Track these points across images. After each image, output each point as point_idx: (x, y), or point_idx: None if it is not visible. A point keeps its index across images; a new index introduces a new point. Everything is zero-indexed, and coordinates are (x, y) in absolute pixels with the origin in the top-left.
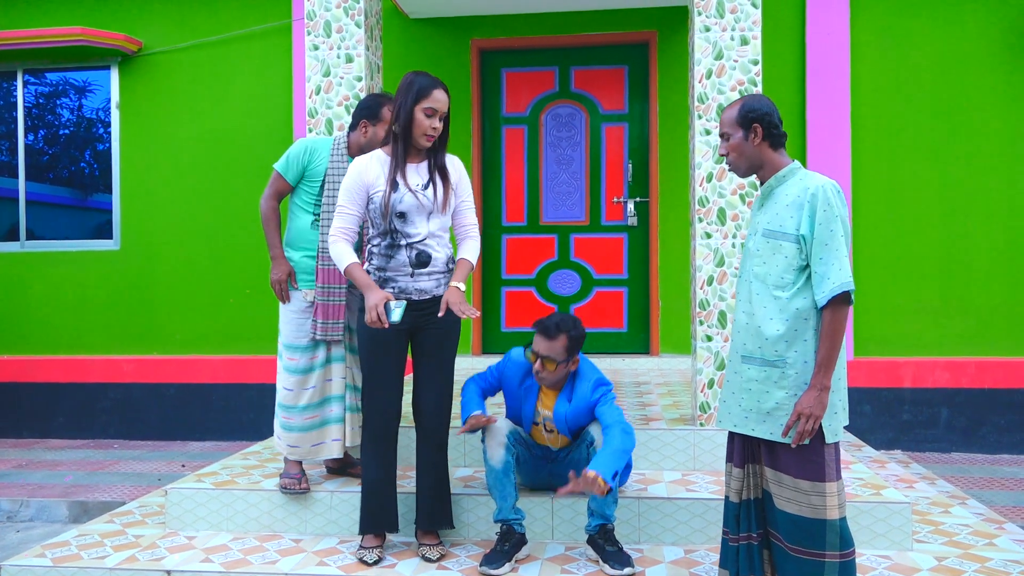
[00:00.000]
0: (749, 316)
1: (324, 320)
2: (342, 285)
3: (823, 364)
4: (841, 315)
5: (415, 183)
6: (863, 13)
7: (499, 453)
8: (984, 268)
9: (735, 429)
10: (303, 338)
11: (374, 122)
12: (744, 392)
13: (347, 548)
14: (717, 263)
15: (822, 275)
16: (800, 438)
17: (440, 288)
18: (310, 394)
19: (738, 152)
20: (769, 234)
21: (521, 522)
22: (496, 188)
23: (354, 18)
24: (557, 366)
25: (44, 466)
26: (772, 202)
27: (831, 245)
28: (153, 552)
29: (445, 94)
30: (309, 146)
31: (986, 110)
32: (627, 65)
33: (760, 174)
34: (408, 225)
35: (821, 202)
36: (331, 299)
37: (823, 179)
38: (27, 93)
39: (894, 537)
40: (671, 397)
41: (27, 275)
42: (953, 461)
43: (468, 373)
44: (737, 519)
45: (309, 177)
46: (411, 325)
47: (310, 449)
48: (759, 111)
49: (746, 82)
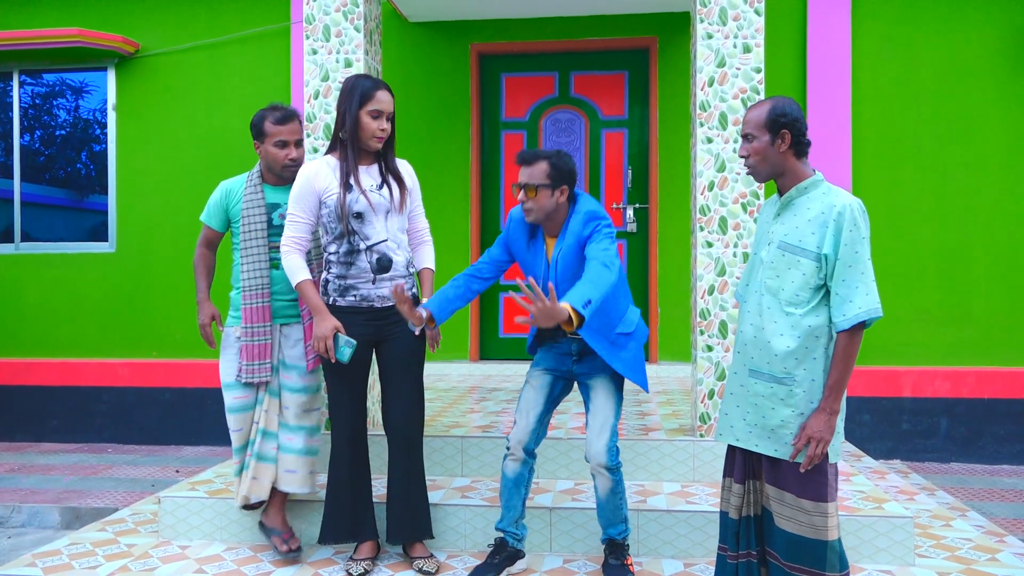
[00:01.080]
0: (758, 330)
1: (249, 361)
2: (266, 323)
3: (834, 388)
4: (857, 339)
5: (368, 184)
6: (865, 21)
7: (512, 466)
8: (985, 277)
9: (737, 443)
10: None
11: (261, 140)
12: (749, 407)
13: (342, 559)
14: (718, 272)
15: (844, 297)
16: (810, 462)
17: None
18: (252, 431)
19: (761, 157)
20: (786, 247)
21: (520, 538)
22: (495, 193)
23: (353, 22)
24: (539, 192)
25: (37, 470)
26: (791, 213)
27: (856, 267)
28: (145, 562)
29: (389, 95)
30: (226, 188)
31: (987, 119)
32: (627, 71)
33: (780, 182)
34: (366, 226)
35: (848, 222)
36: (256, 339)
37: (849, 197)
38: (23, 93)
39: (896, 552)
40: (670, 406)
41: (22, 277)
42: (952, 471)
43: (465, 379)
44: (737, 536)
45: (234, 218)
46: (375, 336)
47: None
48: (790, 116)
49: (748, 90)
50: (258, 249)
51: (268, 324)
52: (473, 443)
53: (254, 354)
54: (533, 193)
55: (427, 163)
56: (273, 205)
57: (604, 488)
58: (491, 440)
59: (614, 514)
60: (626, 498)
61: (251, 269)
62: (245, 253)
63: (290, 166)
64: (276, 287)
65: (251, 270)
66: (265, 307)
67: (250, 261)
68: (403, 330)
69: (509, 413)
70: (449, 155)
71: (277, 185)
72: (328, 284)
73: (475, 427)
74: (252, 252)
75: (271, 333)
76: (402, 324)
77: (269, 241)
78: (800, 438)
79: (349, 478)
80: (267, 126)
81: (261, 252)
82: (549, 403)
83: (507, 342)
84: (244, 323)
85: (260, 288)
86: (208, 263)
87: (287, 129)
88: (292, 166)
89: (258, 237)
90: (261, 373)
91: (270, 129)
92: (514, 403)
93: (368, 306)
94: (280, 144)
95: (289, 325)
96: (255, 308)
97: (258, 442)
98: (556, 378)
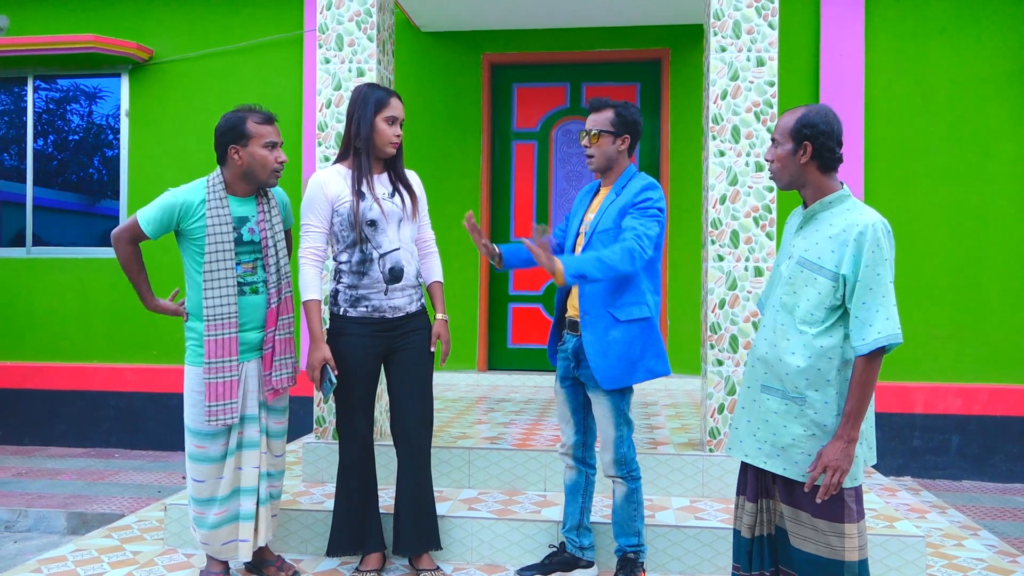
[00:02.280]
0: (771, 345)
1: (213, 402)
2: (232, 358)
3: (851, 415)
4: (876, 365)
5: (381, 192)
6: (878, 35)
7: (568, 473)
8: (998, 293)
9: (746, 459)
10: (208, 424)
11: (244, 143)
12: (761, 423)
13: (347, 570)
14: (729, 286)
15: (864, 321)
16: (826, 491)
17: (412, 305)
18: (223, 485)
19: (782, 164)
20: (805, 263)
21: (581, 546)
22: (505, 203)
23: (366, 32)
24: (601, 138)
25: (44, 475)
26: (813, 228)
27: (876, 290)
28: (150, 570)
29: (400, 101)
30: (181, 200)
31: (1000, 133)
32: (639, 82)
33: (803, 193)
34: (380, 234)
35: (870, 242)
36: (220, 375)
37: (874, 215)
38: (37, 98)
39: (907, 572)
40: (679, 420)
41: (32, 281)
42: (964, 489)
43: (473, 390)
44: (750, 556)
45: (191, 236)
46: (385, 347)
47: (221, 548)
48: (815, 128)
49: (761, 103)
50: (225, 272)
51: (234, 359)
52: (480, 454)
53: (220, 393)
54: (596, 139)
55: (437, 173)
56: (241, 219)
57: (620, 493)
58: (498, 452)
59: (627, 523)
60: (643, 513)
61: (216, 296)
62: (209, 277)
63: (278, 170)
64: (245, 317)
65: (216, 296)
66: (232, 339)
67: (215, 287)
68: (413, 340)
69: (517, 424)
70: (460, 165)
71: (245, 196)
72: (338, 295)
73: (483, 438)
74: (218, 276)
75: (238, 368)
76: (412, 335)
77: (240, 261)
78: (816, 466)
79: (357, 489)
80: (251, 127)
81: (227, 275)
82: (579, 410)
83: (515, 353)
84: (207, 358)
85: (226, 317)
86: (140, 259)
87: (273, 130)
88: (280, 170)
89: (225, 259)
90: (227, 414)
91: (256, 130)
92: (522, 414)
93: (380, 317)
94: (269, 146)
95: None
96: (220, 340)
97: (264, 486)
98: (572, 385)
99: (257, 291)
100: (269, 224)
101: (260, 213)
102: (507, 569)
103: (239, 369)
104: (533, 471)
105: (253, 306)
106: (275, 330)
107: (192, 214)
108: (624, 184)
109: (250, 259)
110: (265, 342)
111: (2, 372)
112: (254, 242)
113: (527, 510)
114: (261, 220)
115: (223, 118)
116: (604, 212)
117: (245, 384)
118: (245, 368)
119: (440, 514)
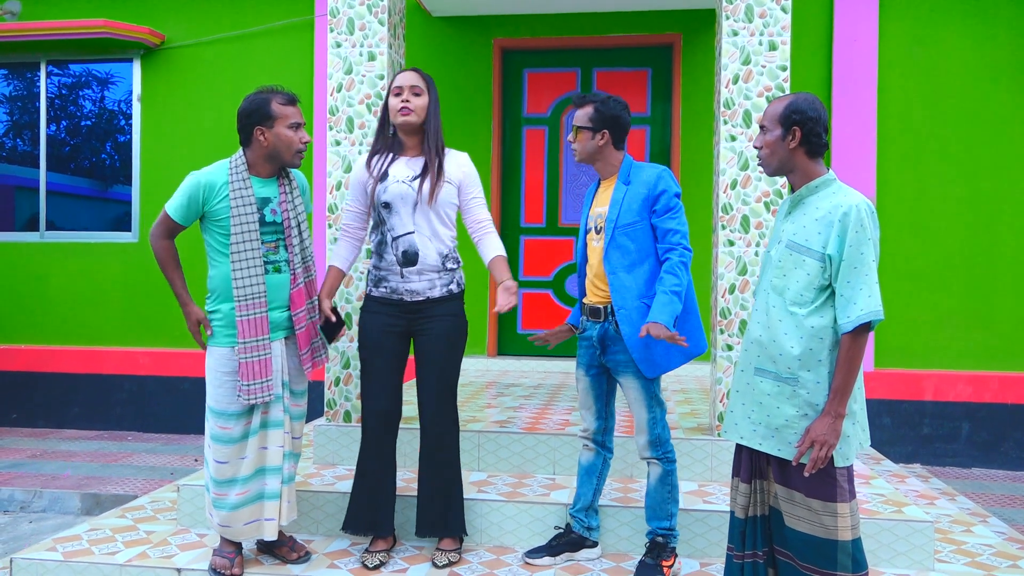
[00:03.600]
0: (764, 328)
1: (249, 381)
2: (264, 337)
3: (839, 391)
4: (861, 342)
5: (405, 175)
6: (891, 21)
7: (586, 455)
8: (1010, 281)
9: (741, 441)
10: (234, 403)
11: (269, 124)
12: (755, 405)
13: (357, 551)
14: (739, 271)
15: (848, 299)
16: (813, 465)
17: (435, 291)
18: (246, 465)
19: (771, 150)
20: (793, 246)
21: (588, 527)
22: (515, 189)
23: (377, 16)
24: (580, 133)
25: (58, 456)
26: (800, 212)
27: (860, 269)
28: (164, 549)
29: (412, 72)
30: (204, 182)
31: (1014, 121)
32: (650, 67)
33: (791, 179)
34: (393, 216)
35: (854, 222)
36: (254, 355)
37: (857, 197)
38: (50, 84)
39: (915, 556)
40: (688, 405)
41: (46, 266)
42: (973, 477)
43: (483, 375)
44: (743, 536)
45: (214, 217)
46: (408, 328)
47: (242, 529)
48: (804, 114)
49: (773, 88)
50: (252, 252)
51: (266, 337)
52: (490, 438)
53: (255, 372)
54: (577, 134)
55: None
56: (264, 200)
57: (654, 475)
58: (508, 435)
59: (660, 506)
60: (677, 497)
61: (245, 276)
62: (237, 258)
63: (302, 150)
64: (270, 295)
65: (245, 276)
66: (263, 318)
67: (244, 267)
68: (434, 326)
69: (527, 409)
70: (470, 150)
71: (268, 177)
72: (369, 273)
73: (492, 422)
74: (246, 256)
75: (270, 347)
76: (433, 320)
77: (263, 241)
78: (804, 441)
79: (373, 470)
80: (276, 108)
81: (255, 255)
82: (602, 396)
83: (525, 338)
84: (242, 337)
85: (256, 296)
86: (176, 256)
87: (296, 111)
88: (303, 150)
89: (251, 239)
90: (264, 392)
91: (281, 111)
92: (531, 399)
93: (398, 299)
94: (293, 126)
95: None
96: (252, 320)
97: (287, 466)
98: (598, 373)
99: (280, 270)
100: (291, 205)
101: (282, 194)
102: (515, 551)
103: (270, 348)
104: (542, 455)
105: (276, 285)
106: (308, 309)
107: (216, 194)
108: (629, 173)
109: (272, 239)
110: (296, 322)
111: (17, 355)
112: (276, 223)
113: (536, 493)
114: (283, 201)
115: (246, 99)
116: (621, 205)
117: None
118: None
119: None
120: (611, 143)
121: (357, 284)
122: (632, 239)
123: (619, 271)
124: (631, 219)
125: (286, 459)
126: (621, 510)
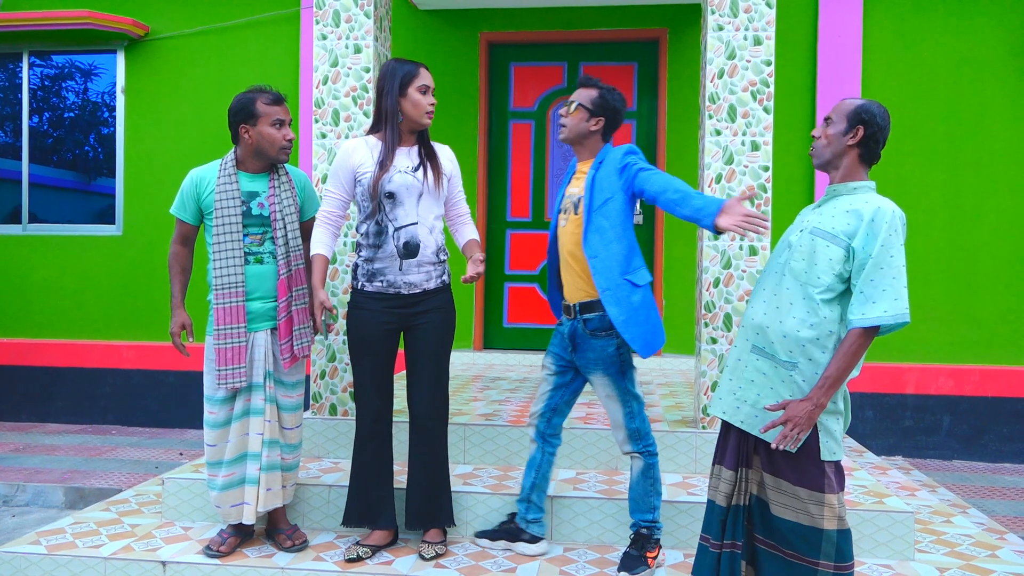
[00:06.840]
0: (771, 308)
1: (222, 367)
2: (239, 325)
3: (830, 380)
4: (867, 341)
5: (405, 165)
6: (876, 16)
7: (531, 447)
8: (991, 275)
9: (724, 416)
10: (219, 390)
11: (253, 122)
12: (743, 381)
13: (343, 543)
14: (724, 265)
15: (868, 297)
16: (783, 440)
17: (430, 282)
18: (229, 449)
19: (828, 141)
20: (818, 232)
21: (527, 519)
22: (502, 183)
23: (363, 8)
24: (577, 111)
25: (42, 450)
26: (831, 205)
27: (887, 271)
28: (148, 542)
29: (429, 71)
30: (197, 177)
31: (996, 115)
32: (636, 62)
33: (833, 175)
34: (397, 207)
35: (889, 224)
36: (228, 341)
37: (894, 205)
38: (32, 75)
39: (896, 547)
40: (673, 398)
41: (28, 258)
42: (954, 469)
43: (469, 368)
44: (723, 525)
45: (207, 211)
46: (401, 323)
47: (229, 510)
48: (873, 119)
49: (758, 83)
50: (232, 243)
51: (242, 325)
52: (476, 431)
53: (228, 358)
54: (574, 111)
55: None
56: (251, 194)
57: (636, 469)
58: (493, 428)
59: (643, 499)
60: (659, 489)
61: (224, 265)
62: (217, 248)
63: (287, 147)
64: (251, 285)
65: (224, 266)
66: (239, 307)
67: (223, 256)
68: (430, 319)
69: (512, 402)
70: (456, 144)
71: (257, 172)
72: (357, 268)
73: (478, 415)
74: (225, 246)
75: (246, 335)
76: (429, 313)
77: (246, 233)
78: (779, 417)
79: (369, 463)
80: (260, 107)
81: (235, 246)
82: (559, 389)
83: (511, 332)
84: (216, 324)
85: (233, 286)
86: (183, 262)
87: (282, 109)
88: (288, 147)
89: (232, 231)
90: (236, 378)
91: (265, 110)
92: (517, 392)
93: (395, 292)
94: (277, 124)
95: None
96: (228, 308)
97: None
98: (564, 365)
99: (262, 261)
100: (279, 200)
101: (271, 189)
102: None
103: (247, 336)
104: (527, 447)
105: (258, 275)
106: (289, 300)
107: (207, 189)
108: (602, 158)
109: (259, 231)
110: (279, 311)
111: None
112: (263, 216)
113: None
114: (271, 196)
115: (235, 99)
116: (593, 185)
117: (252, 352)
118: (253, 337)
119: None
120: (601, 132)
121: (343, 277)
122: (606, 217)
123: (600, 253)
124: (606, 196)
125: (265, 447)
126: (605, 502)
